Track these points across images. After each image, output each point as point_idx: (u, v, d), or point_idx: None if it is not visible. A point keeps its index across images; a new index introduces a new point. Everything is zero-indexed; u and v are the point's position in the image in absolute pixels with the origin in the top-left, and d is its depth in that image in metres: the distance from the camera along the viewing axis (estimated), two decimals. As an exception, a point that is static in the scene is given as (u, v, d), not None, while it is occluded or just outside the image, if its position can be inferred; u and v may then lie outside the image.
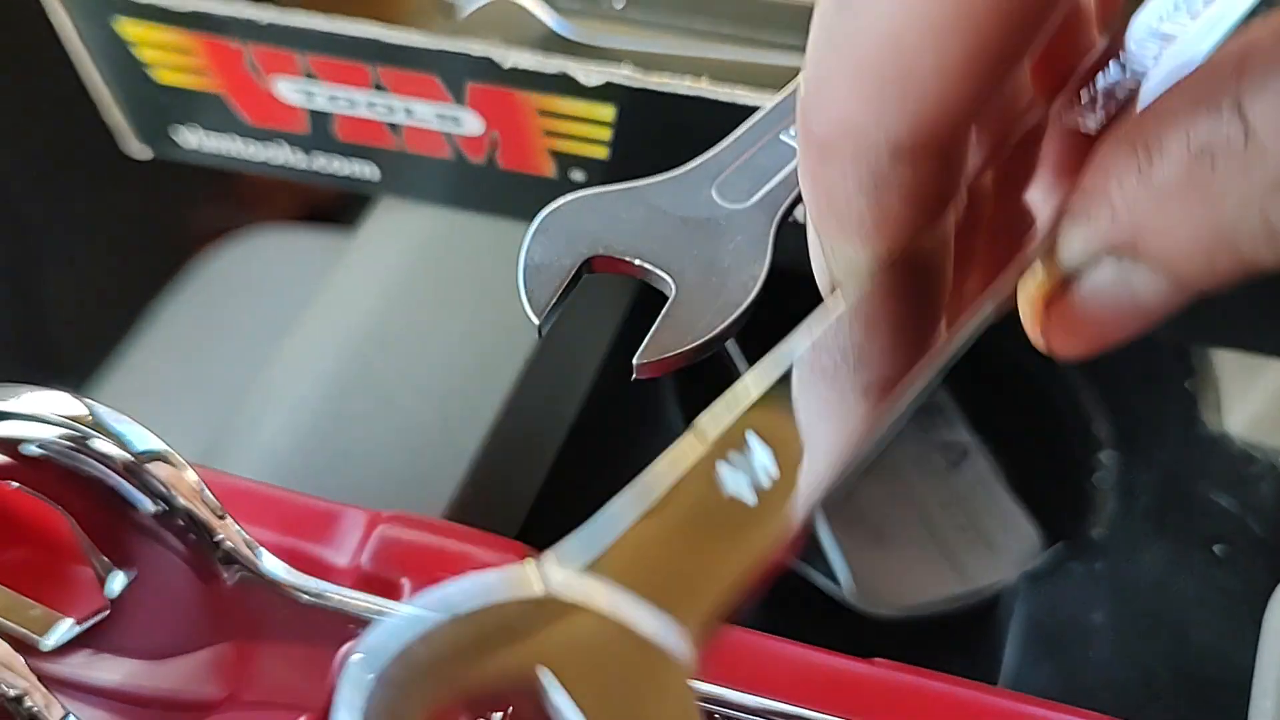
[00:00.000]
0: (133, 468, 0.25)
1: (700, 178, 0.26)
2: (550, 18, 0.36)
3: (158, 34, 0.34)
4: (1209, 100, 0.15)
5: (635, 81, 0.30)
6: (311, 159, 0.37)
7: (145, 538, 0.27)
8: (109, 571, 0.27)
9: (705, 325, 0.24)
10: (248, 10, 0.32)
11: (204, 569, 0.26)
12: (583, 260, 0.25)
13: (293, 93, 0.34)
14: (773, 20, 0.37)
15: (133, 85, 0.36)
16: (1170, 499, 0.37)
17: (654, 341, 0.24)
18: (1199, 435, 0.38)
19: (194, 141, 0.38)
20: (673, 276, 0.24)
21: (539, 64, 0.30)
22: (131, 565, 0.27)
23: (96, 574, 0.27)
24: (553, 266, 0.24)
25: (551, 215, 0.25)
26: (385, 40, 0.31)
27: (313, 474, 0.32)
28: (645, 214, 0.26)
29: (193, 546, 0.26)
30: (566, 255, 0.25)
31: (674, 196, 0.26)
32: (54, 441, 0.25)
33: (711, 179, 0.26)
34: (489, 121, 0.33)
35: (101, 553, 0.27)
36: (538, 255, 0.25)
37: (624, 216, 0.25)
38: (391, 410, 0.34)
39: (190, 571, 0.27)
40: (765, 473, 0.16)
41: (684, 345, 0.24)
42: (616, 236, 0.25)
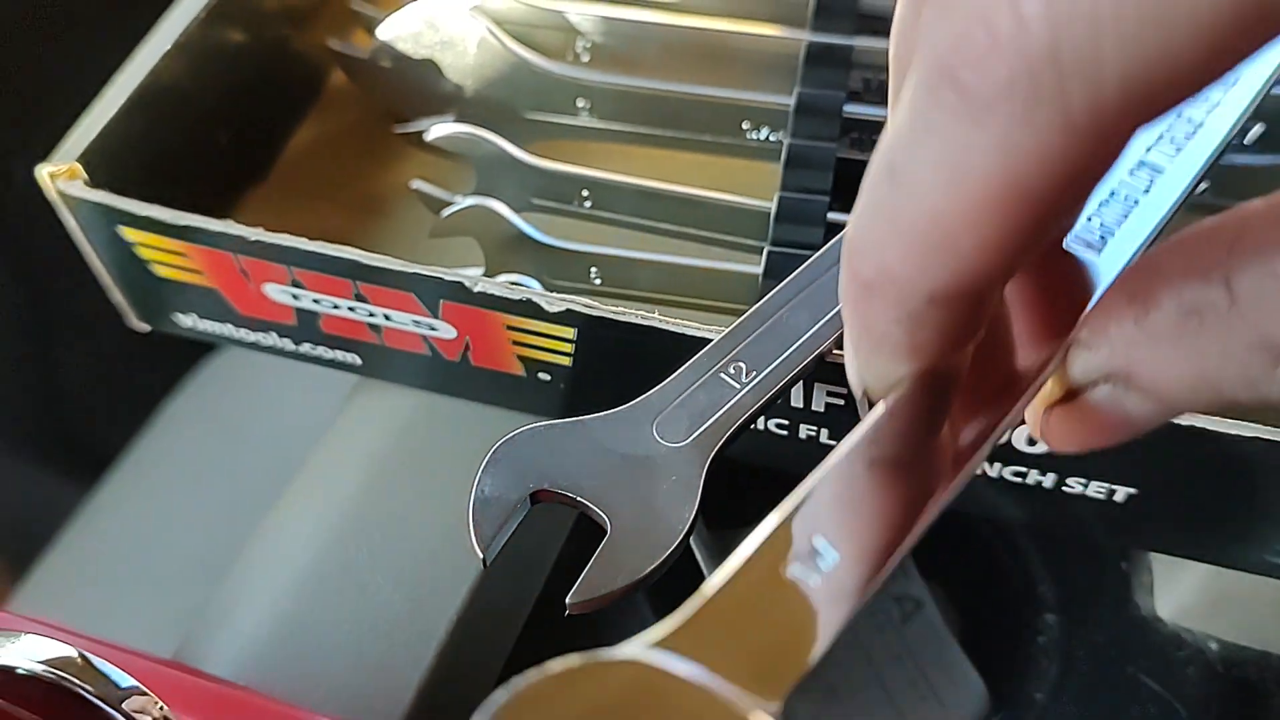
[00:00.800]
0: (112, 700, 0.27)
1: (642, 415, 0.28)
2: (521, 222, 0.38)
3: (155, 240, 0.36)
4: (1202, 267, 0.17)
5: (593, 310, 0.33)
6: (299, 346, 0.39)
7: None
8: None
9: (634, 567, 0.26)
10: (236, 228, 0.35)
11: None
12: (528, 494, 0.27)
13: (280, 294, 0.37)
14: (733, 222, 0.39)
15: (133, 277, 0.38)
16: (1103, 677, 0.39)
17: (586, 581, 0.26)
18: (1131, 615, 0.40)
19: (189, 323, 0.40)
20: (609, 515, 0.27)
21: (505, 291, 0.33)
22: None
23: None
24: (501, 500, 0.27)
25: (504, 447, 0.28)
26: (363, 262, 0.34)
27: (290, 660, 0.35)
28: (589, 450, 0.28)
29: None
30: (514, 489, 0.27)
31: (616, 432, 0.28)
32: (42, 674, 0.27)
33: (653, 416, 0.28)
34: (460, 330, 0.35)
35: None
36: (488, 488, 0.27)
37: (569, 451, 0.28)
38: (364, 597, 0.36)
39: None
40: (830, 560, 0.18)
41: (614, 586, 0.26)
42: (561, 472, 0.27)
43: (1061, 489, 0.33)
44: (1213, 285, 0.17)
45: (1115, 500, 0.33)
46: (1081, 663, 0.40)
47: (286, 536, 0.38)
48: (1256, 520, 0.32)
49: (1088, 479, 0.32)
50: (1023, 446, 0.32)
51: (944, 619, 0.47)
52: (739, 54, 0.42)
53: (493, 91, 0.43)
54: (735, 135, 0.42)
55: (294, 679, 0.34)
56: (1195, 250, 0.18)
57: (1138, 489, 0.32)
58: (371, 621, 0.35)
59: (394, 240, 0.43)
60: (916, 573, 0.48)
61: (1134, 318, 0.18)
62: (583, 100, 0.42)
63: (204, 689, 0.31)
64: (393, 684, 0.34)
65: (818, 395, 0.33)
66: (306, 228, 0.34)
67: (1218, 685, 0.38)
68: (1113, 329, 0.19)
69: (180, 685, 0.31)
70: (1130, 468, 0.32)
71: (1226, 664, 0.38)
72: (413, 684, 0.34)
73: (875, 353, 0.20)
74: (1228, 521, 0.33)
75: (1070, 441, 0.21)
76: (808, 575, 0.18)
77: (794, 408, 0.33)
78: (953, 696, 0.45)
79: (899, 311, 0.18)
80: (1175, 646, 0.39)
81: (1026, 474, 0.33)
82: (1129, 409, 0.19)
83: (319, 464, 0.40)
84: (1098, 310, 0.19)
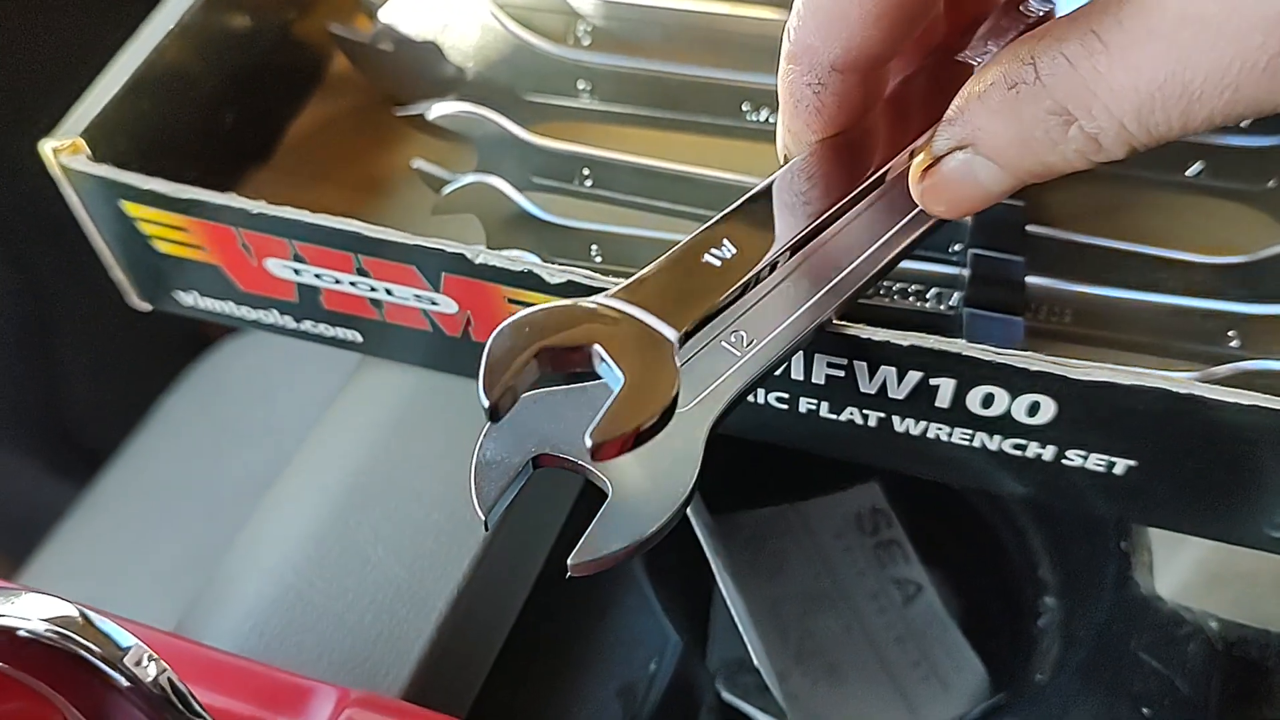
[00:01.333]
0: (114, 660, 0.27)
1: None
2: (522, 199, 0.39)
3: (158, 215, 0.36)
4: (1021, 53, 0.24)
5: (594, 281, 0.33)
6: (300, 324, 0.39)
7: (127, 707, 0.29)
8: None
9: (635, 530, 0.26)
10: (239, 201, 0.35)
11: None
12: (530, 458, 0.27)
13: (281, 269, 0.37)
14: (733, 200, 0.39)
15: (135, 253, 0.39)
16: (1103, 655, 0.39)
17: (587, 542, 0.26)
18: (1131, 594, 0.40)
19: (191, 301, 0.40)
20: (610, 478, 0.27)
21: (507, 262, 0.33)
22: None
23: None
24: (502, 464, 0.27)
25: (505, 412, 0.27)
26: (366, 234, 0.34)
27: (292, 632, 0.35)
28: (591, 415, 0.28)
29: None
30: (515, 453, 0.27)
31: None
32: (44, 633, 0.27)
33: None
34: (462, 304, 0.35)
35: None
36: (489, 452, 0.27)
37: (571, 416, 0.28)
38: (366, 569, 0.36)
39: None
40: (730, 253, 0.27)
41: (615, 548, 0.26)
42: (563, 437, 0.27)
43: (1061, 461, 0.33)
44: (1025, 65, 0.23)
45: (1115, 473, 0.33)
46: (1082, 642, 0.40)
47: (289, 510, 0.38)
48: (1255, 493, 0.32)
49: (1088, 451, 0.32)
50: (1023, 418, 0.32)
51: (945, 602, 0.47)
52: (739, 36, 0.42)
53: (494, 74, 0.43)
54: (735, 117, 0.42)
55: (296, 651, 0.34)
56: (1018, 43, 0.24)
57: (1138, 461, 0.32)
58: (373, 594, 0.35)
59: (395, 221, 0.42)
60: (917, 556, 0.48)
61: (979, 95, 0.25)
62: (583, 82, 0.43)
63: (206, 657, 0.31)
64: (394, 655, 0.34)
65: (818, 367, 0.33)
66: (308, 208, 0.35)
67: (1219, 662, 0.38)
68: (966, 106, 0.25)
69: (182, 654, 0.31)
70: (1130, 439, 0.32)
71: (1227, 641, 0.38)
72: (414, 655, 0.34)
73: (795, 114, 0.28)
74: (1227, 494, 0.33)
75: (938, 200, 0.27)
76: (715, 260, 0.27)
77: (794, 380, 0.33)
78: (954, 678, 0.45)
79: (810, 76, 0.26)
80: (1176, 624, 0.39)
81: (1026, 446, 0.33)
82: (977, 171, 0.26)
83: (322, 438, 0.40)
84: (960, 94, 0.25)
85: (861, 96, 0.27)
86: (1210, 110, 0.22)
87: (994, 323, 0.35)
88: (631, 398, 0.25)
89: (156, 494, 0.58)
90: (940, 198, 0.27)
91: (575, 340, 0.25)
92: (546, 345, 0.25)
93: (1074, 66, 0.23)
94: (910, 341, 0.30)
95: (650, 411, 0.25)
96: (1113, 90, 0.22)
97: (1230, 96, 0.21)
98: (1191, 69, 0.21)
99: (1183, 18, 0.21)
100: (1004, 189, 0.26)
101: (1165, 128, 0.22)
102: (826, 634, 0.46)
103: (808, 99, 0.27)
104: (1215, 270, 0.37)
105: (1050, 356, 0.30)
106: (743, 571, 0.47)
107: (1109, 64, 0.22)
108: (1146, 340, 0.37)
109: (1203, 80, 0.21)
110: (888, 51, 0.26)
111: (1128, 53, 0.22)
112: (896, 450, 0.34)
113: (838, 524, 0.49)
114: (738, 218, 0.28)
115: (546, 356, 0.25)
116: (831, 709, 0.44)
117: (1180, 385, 0.29)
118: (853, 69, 0.26)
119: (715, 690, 0.41)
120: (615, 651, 0.39)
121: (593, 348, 0.25)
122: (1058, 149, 0.24)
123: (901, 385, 0.32)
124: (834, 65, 0.26)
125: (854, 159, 0.29)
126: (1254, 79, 0.21)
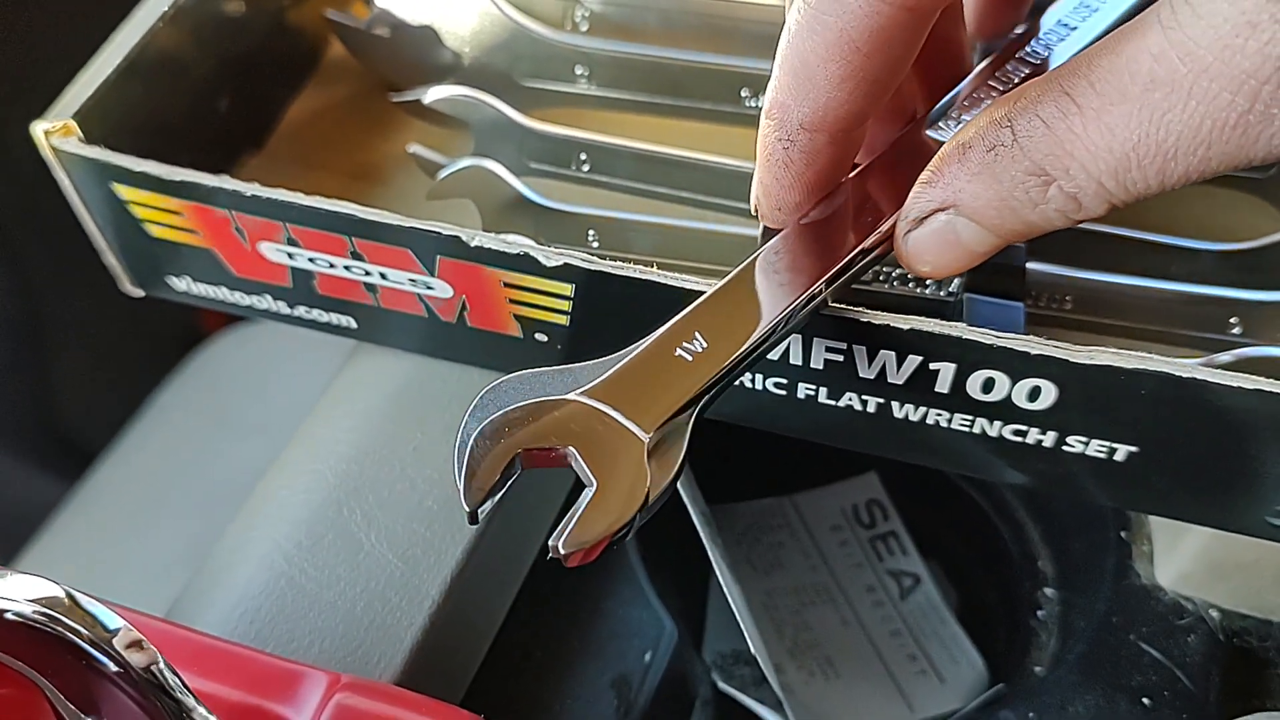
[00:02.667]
0: (101, 643, 0.26)
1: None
2: (519, 183, 0.38)
3: (151, 198, 0.36)
4: (998, 115, 0.24)
5: (591, 264, 0.32)
6: (294, 309, 0.39)
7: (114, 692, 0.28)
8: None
9: (620, 514, 0.25)
10: (232, 183, 0.34)
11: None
12: (516, 451, 0.26)
13: (275, 253, 0.36)
14: (730, 186, 0.39)
15: (127, 238, 0.38)
16: (1103, 647, 0.38)
17: (575, 528, 0.25)
18: (1132, 585, 0.39)
19: (184, 287, 0.40)
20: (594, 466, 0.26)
21: (503, 245, 0.33)
22: (102, 717, 0.29)
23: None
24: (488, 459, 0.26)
25: (489, 394, 0.27)
26: (360, 216, 0.34)
27: (283, 619, 0.34)
28: None
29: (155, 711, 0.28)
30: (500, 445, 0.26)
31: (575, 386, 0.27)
32: (31, 616, 0.27)
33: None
34: (457, 289, 0.35)
35: (74, 705, 0.29)
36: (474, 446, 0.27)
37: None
38: (359, 557, 0.35)
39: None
40: (700, 346, 0.27)
41: (601, 534, 0.25)
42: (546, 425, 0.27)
43: (1062, 448, 0.33)
44: (1003, 128, 0.24)
45: (1115, 460, 0.32)
46: (1082, 633, 0.39)
47: (281, 497, 0.37)
48: (1256, 480, 0.32)
49: (1088, 437, 0.32)
50: (1023, 403, 0.32)
51: (942, 595, 0.47)
52: (738, 22, 0.42)
53: (491, 59, 0.43)
54: (734, 103, 0.42)
55: (287, 638, 0.34)
56: (995, 104, 0.25)
57: (1138, 447, 0.32)
58: (365, 582, 0.35)
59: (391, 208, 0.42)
60: (915, 549, 0.48)
61: (957, 158, 0.25)
62: (581, 68, 0.42)
63: (194, 642, 0.31)
64: (387, 643, 0.34)
65: (816, 351, 0.32)
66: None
67: (1219, 653, 0.37)
68: (944, 168, 0.26)
69: (169, 638, 0.31)
70: (1131, 425, 0.31)
71: (1228, 632, 0.38)
72: (407, 644, 0.34)
73: (765, 167, 0.28)
74: (1227, 481, 0.32)
75: (923, 261, 0.28)
76: (686, 355, 0.27)
77: (793, 365, 0.33)
78: (951, 671, 0.44)
79: (781, 131, 0.27)
80: (1176, 615, 0.38)
81: (1027, 432, 0.32)
82: (959, 231, 0.26)
83: (315, 425, 0.39)
84: (937, 157, 0.26)
85: (830, 157, 0.28)
86: (1186, 167, 0.22)
87: (994, 308, 0.34)
88: (602, 505, 0.25)
89: (150, 488, 0.58)
90: (924, 259, 0.27)
91: (550, 444, 0.26)
92: (523, 450, 0.26)
93: (1050, 128, 0.23)
94: (910, 325, 0.30)
95: (620, 519, 0.25)
96: (1089, 151, 0.23)
97: (1204, 154, 0.22)
98: (1164, 129, 0.22)
99: (1153, 79, 0.21)
100: (988, 249, 0.26)
101: (1143, 185, 0.23)
102: (823, 626, 0.45)
103: (779, 154, 0.28)
104: (1217, 257, 0.37)
105: (1051, 340, 0.30)
106: (739, 563, 0.47)
107: (1084, 125, 0.23)
108: (1148, 327, 0.36)
109: (1175, 140, 0.22)
110: (855, 115, 0.27)
111: (1101, 115, 0.22)
112: (895, 437, 0.34)
113: (835, 516, 0.48)
114: (708, 309, 0.28)
115: (521, 458, 0.26)
116: (827, 702, 0.43)
117: (1183, 369, 0.29)
118: (820, 129, 0.27)
119: (711, 681, 0.41)
120: (610, 642, 0.38)
121: (567, 449, 0.26)
122: (1039, 209, 0.24)
123: (901, 370, 0.32)
124: (803, 124, 0.27)
125: (827, 242, 0.29)
126: (1225, 136, 0.21)
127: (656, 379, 0.27)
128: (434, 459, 0.38)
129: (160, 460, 0.59)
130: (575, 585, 0.39)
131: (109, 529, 0.57)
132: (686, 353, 0.27)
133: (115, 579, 0.54)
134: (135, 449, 0.61)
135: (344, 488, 0.37)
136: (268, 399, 0.59)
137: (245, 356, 0.63)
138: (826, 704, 0.43)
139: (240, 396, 0.61)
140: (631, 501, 0.25)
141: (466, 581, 0.36)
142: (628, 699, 0.37)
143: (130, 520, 0.57)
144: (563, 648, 0.38)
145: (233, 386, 0.62)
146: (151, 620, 0.32)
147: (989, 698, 0.39)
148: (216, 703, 0.29)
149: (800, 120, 0.27)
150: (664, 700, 0.38)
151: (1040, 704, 0.37)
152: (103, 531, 0.57)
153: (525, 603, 0.38)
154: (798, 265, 0.29)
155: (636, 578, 0.39)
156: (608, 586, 0.39)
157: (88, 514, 0.59)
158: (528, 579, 0.39)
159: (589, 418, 0.26)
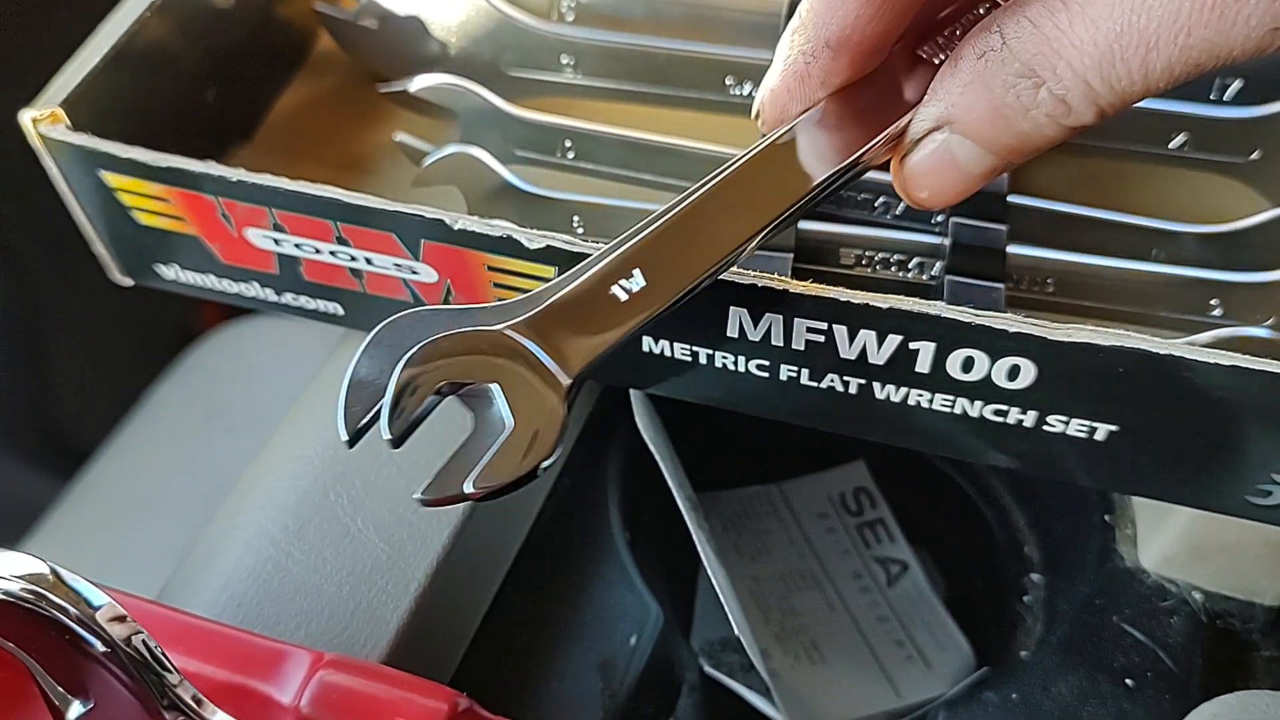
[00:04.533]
0: (86, 620, 0.27)
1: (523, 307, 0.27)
2: (505, 170, 0.38)
3: (137, 185, 0.36)
4: (989, 24, 0.25)
5: (574, 245, 0.33)
6: (281, 296, 0.39)
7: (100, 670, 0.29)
8: (67, 702, 0.29)
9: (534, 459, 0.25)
10: (218, 169, 0.35)
11: (153, 710, 0.28)
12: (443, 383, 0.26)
13: (261, 239, 0.37)
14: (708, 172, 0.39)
15: (116, 225, 0.38)
16: (1087, 629, 0.38)
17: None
18: (1116, 568, 0.39)
19: (172, 275, 0.40)
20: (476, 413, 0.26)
21: (486, 228, 0.33)
22: (88, 696, 0.29)
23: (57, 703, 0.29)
24: (373, 383, 0.26)
25: (384, 330, 0.27)
26: (345, 201, 0.34)
27: (269, 602, 0.35)
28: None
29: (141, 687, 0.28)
30: (387, 372, 0.26)
31: (500, 319, 0.27)
32: (17, 593, 0.27)
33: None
34: (442, 273, 0.35)
35: (60, 685, 0.29)
36: (363, 370, 0.27)
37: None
38: (345, 541, 0.36)
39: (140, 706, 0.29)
40: (638, 285, 0.26)
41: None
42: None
43: (1042, 427, 0.33)
44: (992, 34, 0.24)
45: (1096, 439, 0.33)
46: (1066, 616, 0.39)
47: (269, 481, 0.37)
48: (1236, 458, 0.32)
49: (1069, 416, 0.32)
50: (1003, 382, 0.32)
51: (929, 581, 0.47)
52: (722, 11, 0.42)
53: (478, 49, 0.43)
54: (718, 91, 0.42)
55: (274, 621, 0.34)
56: (990, 17, 0.25)
57: (1118, 426, 0.32)
58: (351, 565, 0.35)
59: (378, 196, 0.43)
60: (902, 536, 0.48)
61: (950, 70, 0.26)
62: (567, 57, 0.43)
63: (179, 622, 0.31)
64: (372, 627, 0.34)
65: (798, 331, 0.33)
66: (290, 184, 0.34)
67: (1202, 634, 0.38)
68: (941, 85, 0.26)
69: (153, 618, 0.31)
70: (1111, 403, 0.31)
71: (1211, 613, 0.38)
72: (392, 627, 0.34)
73: (781, 74, 0.29)
74: (1208, 460, 0.32)
75: (919, 186, 0.28)
76: (621, 293, 0.26)
77: (774, 346, 0.33)
78: (938, 656, 0.45)
79: (807, 45, 0.28)
80: (1160, 597, 0.38)
81: (1007, 412, 0.33)
82: (955, 151, 0.26)
83: (302, 411, 0.40)
84: (936, 76, 0.26)
85: (845, 81, 0.28)
86: (1168, 58, 0.22)
87: (975, 289, 0.35)
88: (516, 446, 0.25)
89: (144, 484, 0.58)
90: (920, 184, 0.28)
91: (476, 378, 0.26)
92: (448, 380, 0.26)
93: (1037, 27, 0.24)
94: (889, 304, 0.30)
95: (531, 463, 0.25)
96: (1074, 46, 0.23)
97: (1184, 41, 0.22)
98: (1145, 15, 0.22)
99: None
100: (983, 170, 0.27)
101: (1128, 81, 0.23)
102: (810, 612, 0.45)
103: (799, 66, 0.28)
104: (1198, 239, 0.37)
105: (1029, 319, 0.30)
106: (726, 550, 0.47)
107: (1069, 20, 0.23)
108: (1129, 309, 0.37)
109: (1156, 26, 0.22)
110: (879, 36, 0.27)
111: (1086, 8, 0.23)
112: (878, 420, 0.34)
113: (822, 504, 0.49)
114: (653, 246, 0.27)
115: (447, 388, 0.26)
116: (814, 686, 0.44)
117: (1160, 345, 0.29)
118: (844, 48, 0.27)
119: (696, 665, 0.41)
120: (596, 625, 0.38)
121: (491, 386, 0.26)
122: (1029, 115, 0.25)
123: (881, 350, 0.32)
124: (828, 41, 0.27)
125: (787, 175, 0.28)
126: (1204, 19, 0.22)
127: (589, 318, 0.26)
128: (420, 444, 0.38)
129: (154, 456, 0.60)
130: (561, 569, 0.39)
131: (104, 525, 0.58)
132: (623, 290, 0.26)
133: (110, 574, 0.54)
134: (130, 445, 0.61)
135: (330, 473, 0.37)
136: (261, 395, 0.59)
137: (239, 353, 0.63)
138: (813, 689, 0.43)
139: (234, 392, 0.61)
140: (543, 447, 0.25)
141: (452, 565, 0.36)
142: (613, 683, 0.37)
143: (125, 516, 0.57)
144: (548, 631, 0.38)
145: (227, 383, 0.62)
146: (136, 600, 0.32)
147: (973, 681, 0.39)
148: (201, 681, 0.29)
149: (827, 37, 0.27)
150: (649, 684, 0.38)
151: (1024, 686, 0.37)
152: (97, 527, 0.58)
153: (511, 586, 0.39)
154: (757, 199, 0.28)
155: (622, 562, 0.39)
156: (593, 570, 0.40)
157: (82, 510, 0.59)
158: (514, 563, 0.39)
159: (515, 354, 0.26)
